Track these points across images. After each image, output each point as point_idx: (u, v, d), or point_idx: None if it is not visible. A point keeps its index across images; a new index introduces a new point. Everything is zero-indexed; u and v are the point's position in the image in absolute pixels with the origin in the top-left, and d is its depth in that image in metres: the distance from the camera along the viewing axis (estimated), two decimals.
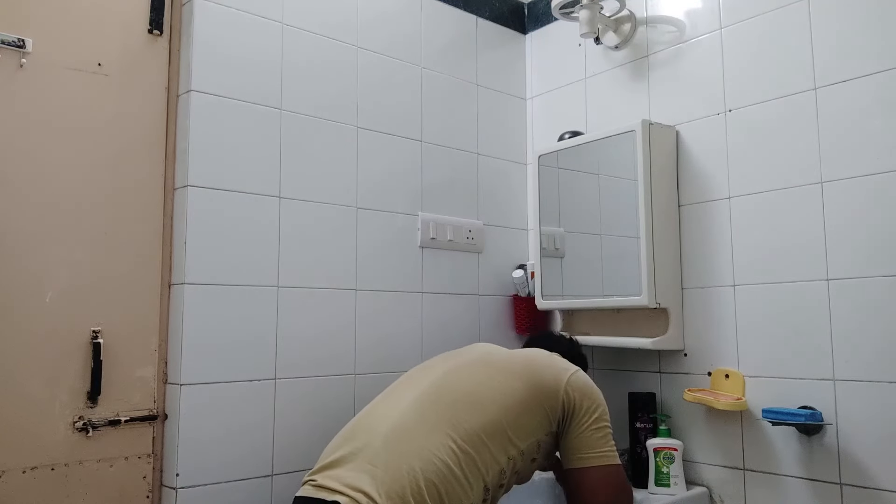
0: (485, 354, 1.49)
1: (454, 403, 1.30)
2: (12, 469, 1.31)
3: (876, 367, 1.43)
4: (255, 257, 1.59)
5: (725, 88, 1.73)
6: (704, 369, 1.72)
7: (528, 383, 1.37)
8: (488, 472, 1.26)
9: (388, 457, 1.20)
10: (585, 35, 1.90)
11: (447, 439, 1.23)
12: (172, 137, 1.55)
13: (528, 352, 1.53)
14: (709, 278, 1.73)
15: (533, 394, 1.36)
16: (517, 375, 1.38)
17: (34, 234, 1.37)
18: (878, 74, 1.47)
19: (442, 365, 1.44)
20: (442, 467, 1.19)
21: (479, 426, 1.27)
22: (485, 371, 1.40)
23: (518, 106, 2.24)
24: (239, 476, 1.52)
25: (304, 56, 1.72)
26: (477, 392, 1.33)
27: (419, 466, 1.18)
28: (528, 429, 1.33)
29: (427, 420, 1.27)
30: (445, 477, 1.19)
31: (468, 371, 1.40)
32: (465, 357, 1.48)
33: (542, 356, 1.48)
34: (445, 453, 1.21)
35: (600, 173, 1.92)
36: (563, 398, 1.37)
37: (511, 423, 1.31)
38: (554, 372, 1.41)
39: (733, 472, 1.65)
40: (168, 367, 1.50)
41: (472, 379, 1.37)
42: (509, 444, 1.30)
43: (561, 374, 1.41)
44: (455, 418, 1.27)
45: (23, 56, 1.38)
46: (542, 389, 1.37)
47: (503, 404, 1.32)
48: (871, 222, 1.46)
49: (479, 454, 1.25)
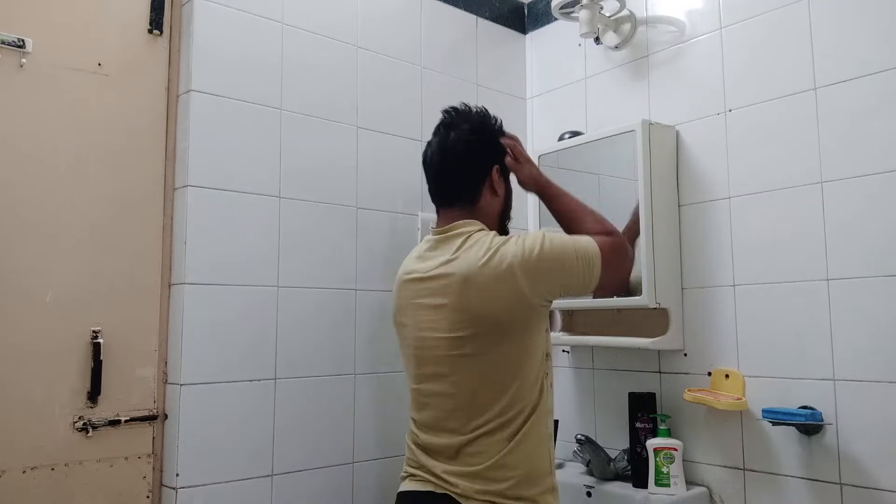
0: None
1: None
2: (12, 469, 1.31)
3: (876, 367, 1.43)
4: (255, 257, 1.59)
5: (725, 88, 1.73)
6: (704, 369, 1.72)
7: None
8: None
9: None
10: (585, 35, 1.90)
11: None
12: (172, 137, 1.55)
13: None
14: (709, 278, 1.73)
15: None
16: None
17: (34, 234, 1.37)
18: (878, 74, 1.47)
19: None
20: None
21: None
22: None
23: (518, 106, 2.24)
24: (239, 476, 1.52)
25: (303, 56, 1.72)
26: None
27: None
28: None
29: None
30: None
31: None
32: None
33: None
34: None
35: (600, 173, 1.92)
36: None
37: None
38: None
39: (733, 472, 1.65)
40: (168, 367, 1.50)
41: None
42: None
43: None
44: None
45: (23, 56, 1.38)
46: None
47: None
48: (871, 222, 1.46)
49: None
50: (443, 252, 1.33)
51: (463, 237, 1.32)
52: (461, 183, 1.40)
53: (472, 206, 1.39)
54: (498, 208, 1.43)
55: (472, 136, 1.40)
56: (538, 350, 1.31)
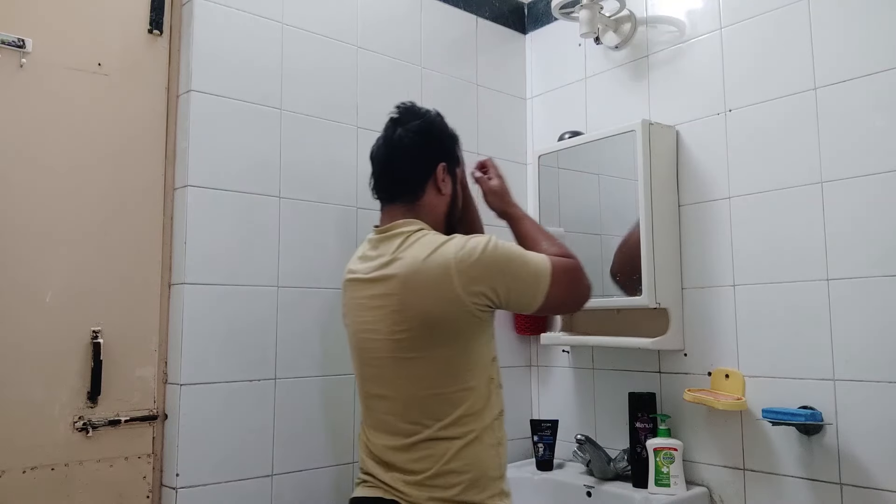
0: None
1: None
2: (12, 469, 1.31)
3: (876, 367, 1.43)
4: (255, 257, 1.59)
5: (725, 88, 1.73)
6: (704, 369, 1.72)
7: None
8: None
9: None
10: (585, 35, 1.90)
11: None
12: (172, 137, 1.55)
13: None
14: (709, 278, 1.73)
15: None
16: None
17: (34, 234, 1.37)
18: (878, 74, 1.47)
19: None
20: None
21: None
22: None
23: (518, 106, 2.24)
24: (239, 476, 1.52)
25: (303, 56, 1.72)
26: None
27: None
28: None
29: None
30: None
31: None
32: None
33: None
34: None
35: (600, 173, 1.92)
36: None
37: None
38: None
39: (733, 472, 1.65)
40: (168, 367, 1.50)
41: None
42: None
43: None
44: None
45: (23, 56, 1.38)
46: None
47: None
48: (871, 222, 1.46)
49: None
50: (382, 253, 1.32)
51: (402, 237, 1.30)
52: (403, 177, 1.38)
53: (414, 202, 1.37)
54: (443, 208, 1.40)
55: (419, 131, 1.39)
56: (482, 356, 1.30)
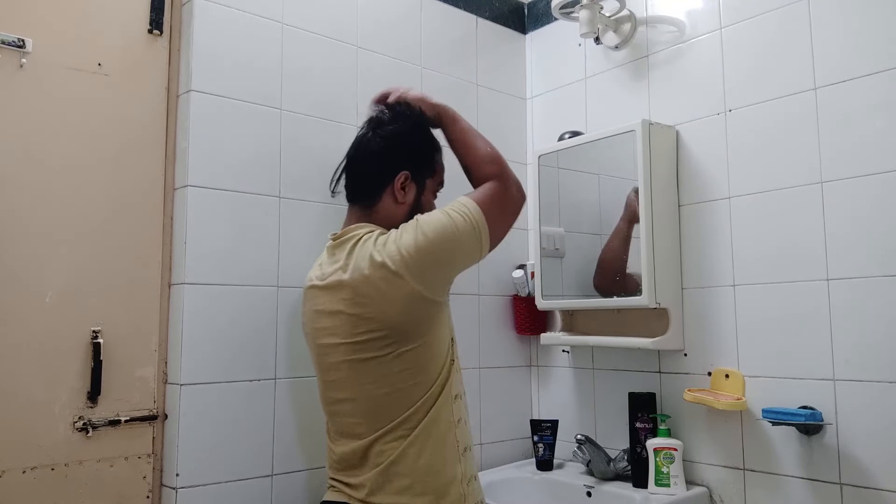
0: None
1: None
2: (12, 469, 1.31)
3: (876, 367, 1.43)
4: (255, 257, 1.59)
5: (725, 88, 1.73)
6: (704, 369, 1.72)
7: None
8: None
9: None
10: (585, 35, 1.90)
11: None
12: (172, 137, 1.55)
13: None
14: (709, 278, 1.73)
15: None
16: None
17: (34, 234, 1.37)
18: (878, 74, 1.47)
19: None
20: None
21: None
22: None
23: (518, 106, 2.24)
24: (239, 476, 1.52)
25: (303, 56, 1.72)
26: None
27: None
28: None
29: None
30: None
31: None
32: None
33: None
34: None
35: (600, 173, 1.92)
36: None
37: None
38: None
39: (733, 472, 1.65)
40: (168, 367, 1.50)
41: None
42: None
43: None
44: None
45: (23, 56, 1.38)
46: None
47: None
48: (871, 222, 1.46)
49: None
50: (336, 259, 1.33)
51: (353, 241, 1.31)
52: (362, 179, 1.40)
53: (371, 207, 1.38)
54: (401, 217, 1.37)
55: (387, 136, 1.39)
56: (443, 340, 1.32)
